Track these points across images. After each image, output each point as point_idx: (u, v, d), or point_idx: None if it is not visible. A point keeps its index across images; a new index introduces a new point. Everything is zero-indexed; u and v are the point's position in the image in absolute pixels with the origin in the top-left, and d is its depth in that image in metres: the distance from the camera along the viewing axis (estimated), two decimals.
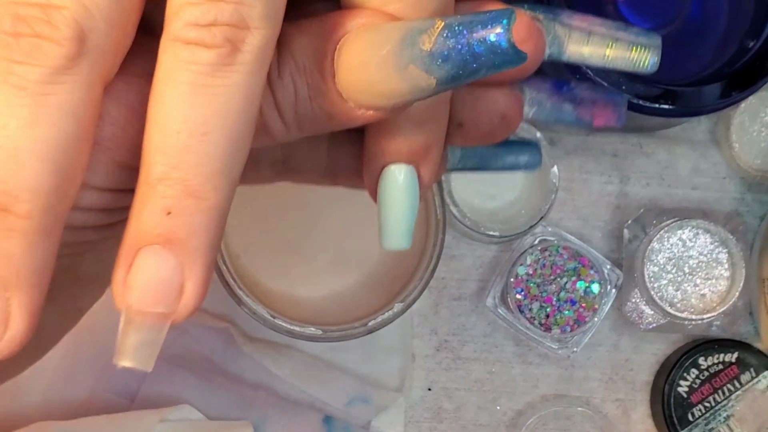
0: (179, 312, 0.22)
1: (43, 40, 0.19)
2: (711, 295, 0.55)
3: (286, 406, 0.54)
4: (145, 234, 0.21)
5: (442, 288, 0.58)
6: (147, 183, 0.21)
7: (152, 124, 0.21)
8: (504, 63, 0.21)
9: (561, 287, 0.54)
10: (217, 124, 0.21)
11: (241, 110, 0.21)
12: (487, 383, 0.58)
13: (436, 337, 0.57)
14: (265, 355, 0.54)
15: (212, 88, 0.20)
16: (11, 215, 0.20)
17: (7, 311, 0.20)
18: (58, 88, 0.20)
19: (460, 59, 0.21)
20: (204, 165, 0.21)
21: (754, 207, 0.59)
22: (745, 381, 0.56)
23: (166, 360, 0.54)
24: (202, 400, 0.54)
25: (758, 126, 0.57)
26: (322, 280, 0.53)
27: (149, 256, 0.21)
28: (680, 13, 0.52)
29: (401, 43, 0.21)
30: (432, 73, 0.21)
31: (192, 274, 0.21)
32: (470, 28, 0.21)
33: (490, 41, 0.20)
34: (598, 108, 0.28)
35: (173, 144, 0.20)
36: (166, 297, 0.21)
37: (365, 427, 0.55)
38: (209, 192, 0.21)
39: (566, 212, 0.58)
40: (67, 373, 0.54)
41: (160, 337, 0.22)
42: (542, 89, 0.28)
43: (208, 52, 0.20)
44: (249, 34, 0.20)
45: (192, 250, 0.21)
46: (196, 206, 0.21)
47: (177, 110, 0.20)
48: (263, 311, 0.49)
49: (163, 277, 0.21)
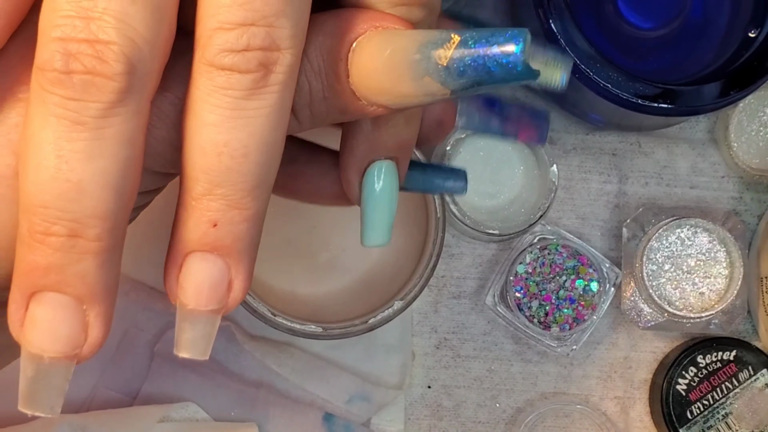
0: (229, 305, 0.24)
1: (96, 76, 0.20)
2: (709, 293, 0.55)
3: (287, 404, 0.54)
4: (193, 243, 0.23)
5: (441, 286, 0.58)
6: (191, 197, 0.22)
7: (192, 145, 0.22)
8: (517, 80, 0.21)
9: (560, 285, 0.55)
10: (255, 144, 0.22)
11: (275, 126, 0.22)
12: (486, 381, 0.58)
13: (436, 335, 0.58)
14: (266, 352, 0.55)
15: (249, 111, 0.21)
16: (82, 240, 0.21)
17: (86, 322, 0.22)
18: (113, 120, 0.21)
19: (475, 75, 0.21)
20: (244, 182, 0.22)
21: (752, 206, 0.59)
22: (744, 379, 0.56)
23: (167, 358, 0.54)
24: (203, 398, 0.54)
25: (757, 125, 0.57)
26: (323, 278, 0.53)
27: (199, 261, 0.23)
28: (681, 13, 0.52)
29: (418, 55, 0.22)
30: (447, 86, 0.22)
31: (239, 273, 0.23)
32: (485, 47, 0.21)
33: (505, 62, 0.21)
34: (522, 125, 0.29)
35: (215, 166, 0.22)
36: (217, 296, 0.23)
37: (365, 425, 0.55)
38: (250, 203, 0.22)
39: (565, 211, 0.58)
40: None
41: (214, 329, 0.24)
42: (473, 102, 0.29)
43: (243, 78, 0.21)
44: (280, 56, 0.21)
45: (237, 253, 0.23)
46: (239, 216, 0.22)
47: (216, 134, 0.21)
48: (264, 309, 0.49)
49: (213, 279, 0.23)
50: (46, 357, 0.22)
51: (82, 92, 0.20)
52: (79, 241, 0.21)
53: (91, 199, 0.21)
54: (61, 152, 0.20)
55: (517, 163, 0.55)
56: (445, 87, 0.22)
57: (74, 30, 0.20)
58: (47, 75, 0.20)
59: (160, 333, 0.54)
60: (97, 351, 0.22)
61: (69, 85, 0.20)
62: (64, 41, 0.20)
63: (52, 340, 0.22)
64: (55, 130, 0.20)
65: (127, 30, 0.20)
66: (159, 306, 0.54)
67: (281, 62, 0.21)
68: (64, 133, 0.20)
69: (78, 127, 0.20)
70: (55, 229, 0.21)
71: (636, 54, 0.52)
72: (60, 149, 0.20)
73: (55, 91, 0.20)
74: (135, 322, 0.54)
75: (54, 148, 0.20)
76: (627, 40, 0.52)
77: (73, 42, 0.20)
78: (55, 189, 0.20)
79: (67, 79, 0.20)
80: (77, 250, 0.21)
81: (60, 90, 0.20)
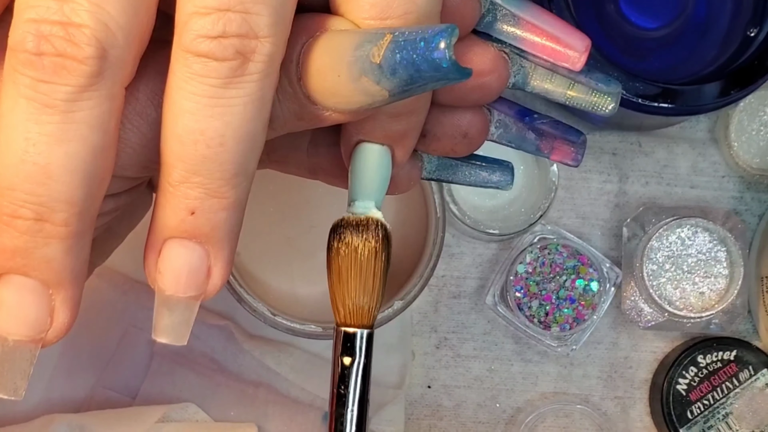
0: (208, 292, 0.24)
1: (67, 59, 0.20)
2: (710, 293, 0.55)
3: (286, 404, 0.54)
4: (171, 229, 0.22)
5: (441, 286, 0.58)
6: (169, 183, 0.22)
7: (169, 132, 0.22)
8: (448, 79, 0.21)
9: (560, 285, 0.54)
10: (232, 134, 0.21)
11: (254, 117, 0.22)
12: (486, 381, 0.58)
13: (436, 335, 0.58)
14: (266, 352, 0.55)
15: (226, 99, 0.21)
16: (48, 224, 0.21)
17: (52, 307, 0.22)
18: (83, 104, 0.20)
19: (406, 74, 0.21)
20: (222, 170, 0.22)
21: (752, 205, 0.59)
22: (744, 379, 0.56)
23: (167, 357, 0.54)
24: (203, 398, 0.54)
25: (757, 125, 0.57)
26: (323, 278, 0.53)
27: (177, 247, 0.23)
28: (682, 13, 0.52)
29: (354, 54, 0.22)
30: (383, 85, 0.21)
31: (218, 260, 0.23)
32: (414, 44, 0.21)
33: (432, 59, 0.21)
34: (558, 143, 0.29)
35: (191, 154, 0.21)
36: (195, 282, 0.23)
37: None
38: (228, 191, 0.22)
39: (565, 210, 0.58)
40: (68, 370, 0.54)
41: (192, 315, 0.24)
42: (509, 114, 0.28)
43: (220, 66, 0.21)
44: (258, 44, 0.21)
45: (216, 241, 0.23)
46: (218, 205, 0.22)
47: (193, 123, 0.21)
48: (263, 308, 0.49)
49: (192, 265, 0.23)
50: (11, 339, 0.22)
51: (52, 74, 0.20)
52: (46, 225, 0.21)
53: (59, 183, 0.20)
54: (29, 134, 0.20)
55: (517, 162, 0.55)
56: (381, 87, 0.21)
57: (47, 12, 0.20)
58: (19, 56, 0.20)
59: None
60: (62, 336, 0.22)
61: (39, 66, 0.20)
62: (37, 23, 0.20)
63: (17, 322, 0.22)
64: (25, 112, 0.20)
65: (101, 14, 0.20)
66: None
67: (259, 51, 0.21)
68: (33, 116, 0.20)
69: (47, 109, 0.20)
70: (22, 212, 0.20)
71: (637, 53, 0.52)
72: (28, 131, 0.20)
73: (26, 73, 0.20)
74: (134, 322, 0.54)
75: (23, 130, 0.20)
76: (628, 40, 0.52)
77: (46, 24, 0.20)
78: (23, 172, 0.20)
79: (38, 61, 0.20)
80: (43, 235, 0.21)
81: (30, 71, 0.20)
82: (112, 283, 0.54)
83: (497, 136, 0.28)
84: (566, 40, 0.26)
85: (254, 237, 0.51)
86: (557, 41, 0.26)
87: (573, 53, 0.26)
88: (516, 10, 0.26)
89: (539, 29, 0.26)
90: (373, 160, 0.25)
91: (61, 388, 0.54)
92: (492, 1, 0.26)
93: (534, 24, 0.26)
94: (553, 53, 0.26)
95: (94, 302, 0.54)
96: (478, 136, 0.27)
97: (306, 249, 0.53)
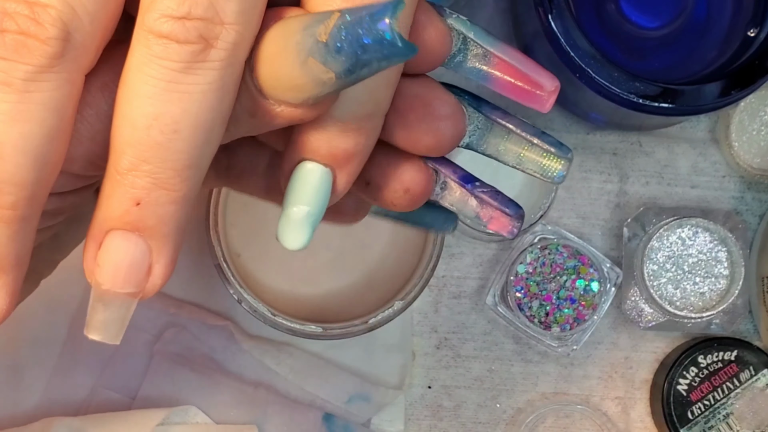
0: (146, 291, 0.22)
1: (29, 38, 0.20)
2: (710, 293, 0.55)
3: (286, 404, 0.54)
4: (114, 220, 0.21)
5: (442, 286, 0.58)
6: (116, 171, 0.21)
7: (122, 115, 0.21)
8: (392, 55, 0.21)
9: (561, 285, 0.54)
10: (188, 122, 0.21)
11: (212, 107, 0.21)
12: (486, 381, 0.58)
13: (436, 335, 0.57)
14: (266, 352, 0.55)
15: (184, 85, 0.20)
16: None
17: None
18: (42, 85, 0.20)
19: (351, 51, 0.21)
20: (174, 160, 0.21)
21: (753, 205, 0.59)
22: (745, 379, 0.56)
23: (167, 358, 0.54)
24: (202, 398, 0.54)
25: (758, 125, 0.57)
26: (323, 278, 0.53)
27: (119, 239, 0.22)
28: (683, 12, 0.52)
29: (302, 35, 0.21)
30: (329, 66, 0.21)
31: (160, 257, 0.22)
32: (360, 19, 0.21)
33: (375, 30, 0.20)
34: (497, 214, 0.28)
35: (143, 139, 0.21)
36: (134, 278, 0.22)
37: (365, 425, 0.55)
38: (178, 184, 0.21)
39: (566, 210, 0.58)
40: (67, 371, 0.54)
41: (128, 313, 0.23)
42: (453, 177, 0.28)
43: (180, 49, 0.20)
44: (223, 30, 0.20)
45: (161, 236, 0.22)
46: (165, 197, 0.21)
47: (148, 106, 0.20)
48: (263, 309, 0.49)
49: (132, 260, 0.22)
50: None
51: (12, 52, 0.20)
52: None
53: (10, 164, 0.20)
54: None
55: None
56: (327, 68, 0.21)
57: None
58: None
59: (158, 333, 0.54)
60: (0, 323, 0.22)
61: (0, 43, 0.19)
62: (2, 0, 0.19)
63: None
64: None
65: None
66: (158, 306, 0.54)
67: (224, 38, 0.20)
68: None
69: (5, 87, 0.20)
70: None
71: (637, 53, 0.52)
72: None
73: None
74: (133, 322, 0.54)
75: None
76: (628, 39, 0.52)
77: (11, 1, 0.19)
78: None
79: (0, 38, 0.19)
80: None
81: None
82: None
83: (440, 197, 0.28)
84: (536, 79, 0.26)
85: (254, 237, 0.51)
86: (527, 80, 0.26)
87: (542, 93, 0.26)
88: (488, 46, 0.26)
89: (510, 67, 0.26)
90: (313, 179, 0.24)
91: (61, 389, 0.54)
92: (465, 38, 0.26)
93: (505, 61, 0.26)
94: (522, 93, 0.26)
95: None
96: (419, 194, 0.26)
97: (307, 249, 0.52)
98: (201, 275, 0.55)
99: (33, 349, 0.54)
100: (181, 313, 0.54)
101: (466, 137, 0.27)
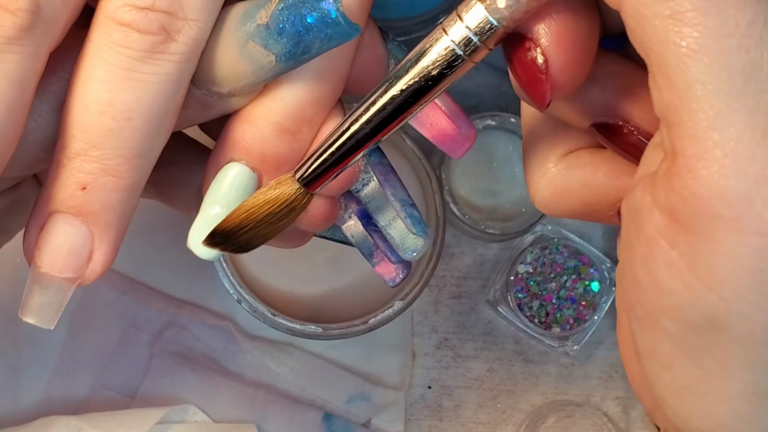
0: (85, 277, 0.22)
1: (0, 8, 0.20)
2: None
3: (286, 404, 0.54)
4: (58, 203, 0.21)
5: (442, 286, 0.58)
6: (64, 155, 0.21)
7: (75, 99, 0.21)
8: (336, 34, 0.21)
9: (561, 285, 0.54)
10: (142, 111, 0.21)
11: (166, 98, 0.21)
12: (487, 381, 0.58)
13: (437, 335, 0.57)
14: (265, 352, 0.54)
15: (141, 74, 0.20)
16: None
17: None
18: (7, 57, 0.20)
19: (294, 32, 0.21)
20: (124, 148, 0.21)
21: None
22: None
23: (166, 357, 0.54)
24: (202, 398, 0.54)
25: None
26: (323, 278, 0.53)
27: (61, 223, 0.21)
28: None
29: (242, 20, 0.21)
30: (270, 49, 0.21)
31: (102, 244, 0.22)
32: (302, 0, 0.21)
33: (320, 8, 0.20)
34: (386, 261, 0.29)
35: (95, 125, 0.21)
36: (74, 264, 0.22)
37: (365, 425, 0.55)
38: (126, 172, 0.21)
39: None
40: (68, 370, 0.54)
41: (65, 298, 0.22)
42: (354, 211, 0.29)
43: (141, 38, 0.20)
44: (186, 25, 0.21)
45: (104, 223, 0.22)
46: (112, 184, 0.21)
47: (103, 92, 0.20)
48: (263, 309, 0.49)
49: (73, 244, 0.22)
50: None
51: None
52: None
53: None
54: None
55: (517, 162, 0.55)
56: (268, 51, 0.21)
57: None
58: None
59: (158, 333, 0.54)
60: None
61: None
62: None
63: None
64: None
65: None
66: (157, 306, 0.54)
67: (186, 33, 0.20)
68: None
69: None
70: None
71: None
72: None
73: None
74: (133, 322, 0.54)
75: None
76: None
77: None
78: None
79: None
80: None
81: None
82: (111, 284, 0.54)
83: (345, 226, 0.29)
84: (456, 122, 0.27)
85: None
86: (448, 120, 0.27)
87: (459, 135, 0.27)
88: None
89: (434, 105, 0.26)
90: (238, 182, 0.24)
91: (61, 388, 0.54)
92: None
93: None
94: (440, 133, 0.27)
95: (94, 302, 0.54)
96: (321, 221, 0.26)
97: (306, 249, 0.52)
98: (201, 275, 0.55)
99: (33, 349, 0.54)
100: (181, 313, 0.54)
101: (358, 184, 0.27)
